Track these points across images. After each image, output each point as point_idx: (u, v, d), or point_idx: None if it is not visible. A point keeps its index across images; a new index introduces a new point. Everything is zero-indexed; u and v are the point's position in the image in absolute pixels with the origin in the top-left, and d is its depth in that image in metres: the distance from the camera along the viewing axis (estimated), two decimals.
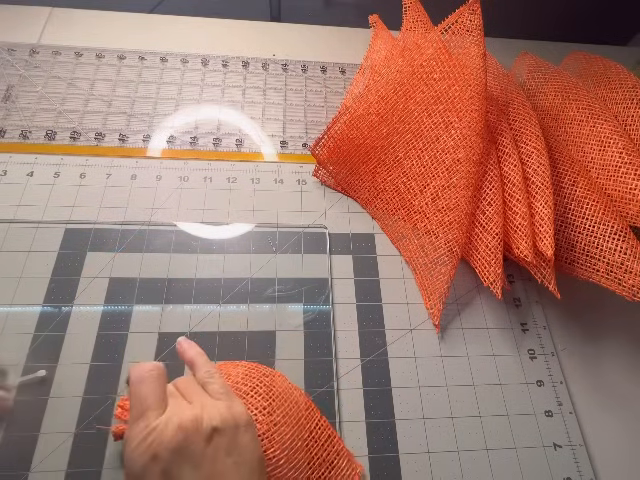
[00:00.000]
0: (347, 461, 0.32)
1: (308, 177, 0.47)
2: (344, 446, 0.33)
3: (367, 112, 0.43)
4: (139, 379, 0.25)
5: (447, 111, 0.39)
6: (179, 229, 0.42)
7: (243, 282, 0.40)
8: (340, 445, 0.33)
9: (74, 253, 0.39)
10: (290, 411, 0.31)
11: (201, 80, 0.53)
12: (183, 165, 0.46)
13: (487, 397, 0.37)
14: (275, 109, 0.52)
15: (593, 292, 0.40)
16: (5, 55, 0.51)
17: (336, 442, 0.33)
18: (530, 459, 0.35)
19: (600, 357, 0.40)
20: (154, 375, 0.25)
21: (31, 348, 0.35)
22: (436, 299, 0.40)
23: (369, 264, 0.42)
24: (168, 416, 0.23)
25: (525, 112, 0.42)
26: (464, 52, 0.39)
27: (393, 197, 0.44)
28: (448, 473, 0.34)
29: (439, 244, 0.40)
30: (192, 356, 0.29)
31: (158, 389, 0.25)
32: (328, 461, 0.31)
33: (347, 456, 0.32)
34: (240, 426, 0.25)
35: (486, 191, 0.38)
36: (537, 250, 0.36)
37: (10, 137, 0.45)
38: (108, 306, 0.37)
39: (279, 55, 0.57)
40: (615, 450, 0.36)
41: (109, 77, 0.51)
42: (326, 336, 0.38)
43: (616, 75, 0.44)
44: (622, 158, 0.37)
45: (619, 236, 0.35)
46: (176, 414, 0.23)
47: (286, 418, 0.30)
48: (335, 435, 0.33)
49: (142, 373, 0.25)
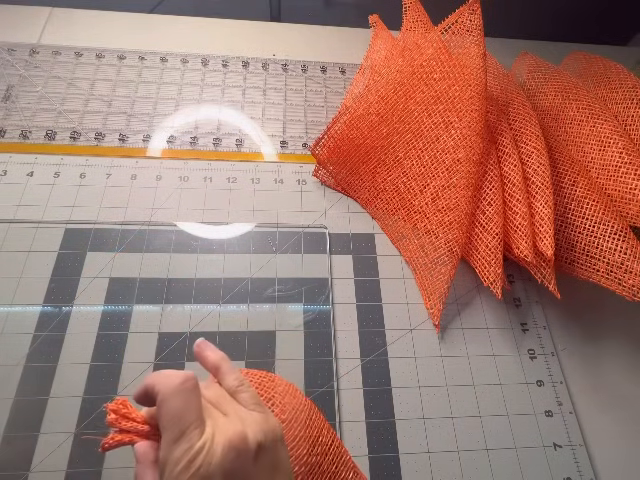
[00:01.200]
0: (353, 473, 0.31)
1: (308, 177, 0.47)
2: (350, 456, 0.31)
3: (367, 112, 0.43)
4: (172, 393, 0.21)
5: (447, 111, 0.39)
6: (179, 229, 0.42)
7: (243, 282, 0.40)
8: (347, 456, 0.31)
9: (74, 253, 0.39)
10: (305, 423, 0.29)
11: (201, 80, 0.53)
12: (183, 165, 0.46)
13: (487, 397, 0.37)
14: (275, 109, 0.52)
15: (593, 292, 0.40)
16: (5, 55, 0.51)
17: (343, 453, 0.31)
18: (530, 459, 0.35)
19: (600, 357, 0.40)
20: (189, 388, 0.22)
21: (31, 348, 0.35)
22: (436, 299, 0.40)
23: (369, 264, 0.42)
24: (212, 433, 0.21)
25: (525, 112, 0.42)
26: (464, 52, 0.39)
27: (393, 197, 0.44)
28: (448, 473, 0.34)
29: (439, 244, 0.40)
30: (216, 361, 0.26)
31: (195, 403, 0.21)
32: (337, 473, 0.30)
33: (353, 467, 0.31)
34: (278, 440, 0.23)
35: (486, 191, 0.38)
36: (537, 250, 0.36)
37: (10, 137, 0.45)
38: (108, 306, 0.37)
39: (279, 55, 0.57)
40: (615, 450, 0.36)
41: (109, 77, 0.51)
42: (326, 336, 0.38)
43: (616, 75, 0.44)
44: (622, 158, 0.37)
45: (619, 236, 0.35)
46: (220, 431, 0.21)
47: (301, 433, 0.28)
48: (342, 445, 0.31)
49: (174, 386, 0.21)
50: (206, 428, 0.21)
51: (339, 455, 0.30)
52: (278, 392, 0.29)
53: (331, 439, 0.30)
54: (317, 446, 0.29)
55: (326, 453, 0.29)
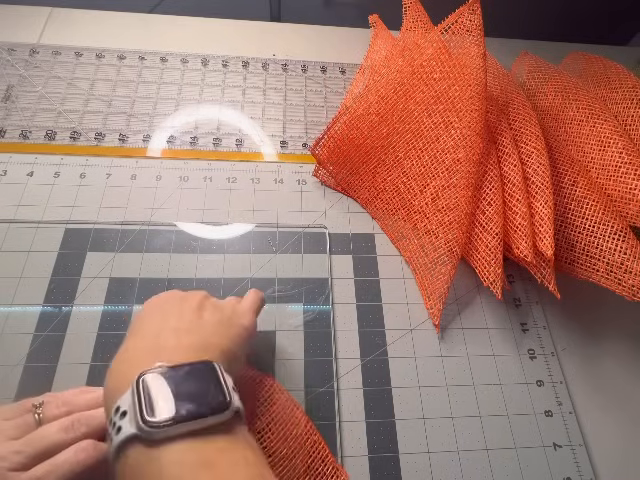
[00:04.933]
0: (332, 467, 0.32)
1: (308, 177, 0.47)
2: (330, 452, 0.32)
3: (367, 112, 0.43)
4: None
5: (447, 111, 0.39)
6: (179, 229, 0.42)
7: (243, 282, 0.40)
8: (326, 451, 0.32)
9: (74, 253, 0.39)
10: (276, 417, 0.30)
11: (201, 80, 0.53)
12: (183, 165, 0.46)
13: (487, 397, 0.37)
14: (275, 109, 0.52)
15: (593, 292, 0.40)
16: (5, 55, 0.51)
17: (322, 448, 0.32)
18: (530, 459, 0.35)
19: (600, 357, 0.40)
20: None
21: (31, 348, 0.35)
22: (436, 299, 0.40)
23: (369, 264, 0.42)
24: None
25: (525, 112, 0.42)
26: (464, 52, 0.39)
27: (393, 197, 0.44)
28: (448, 473, 0.34)
29: (439, 244, 0.40)
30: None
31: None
32: (313, 468, 0.31)
33: (332, 463, 0.32)
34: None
35: (486, 191, 0.38)
36: (537, 250, 0.36)
37: (10, 137, 0.45)
38: (108, 306, 0.37)
39: (279, 55, 0.57)
40: (615, 450, 0.36)
41: (109, 77, 0.51)
42: (326, 336, 0.38)
43: (616, 75, 0.44)
44: (622, 158, 0.37)
45: (619, 236, 0.35)
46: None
47: (271, 425, 0.30)
48: (321, 441, 0.32)
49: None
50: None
51: (317, 451, 0.31)
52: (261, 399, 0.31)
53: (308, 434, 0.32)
54: (290, 439, 0.30)
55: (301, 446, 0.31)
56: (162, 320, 0.26)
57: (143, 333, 0.26)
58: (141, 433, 0.20)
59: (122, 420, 0.20)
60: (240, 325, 0.29)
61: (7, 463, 0.23)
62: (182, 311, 0.27)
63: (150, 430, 0.20)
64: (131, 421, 0.20)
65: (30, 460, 0.23)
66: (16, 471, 0.23)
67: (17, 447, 0.24)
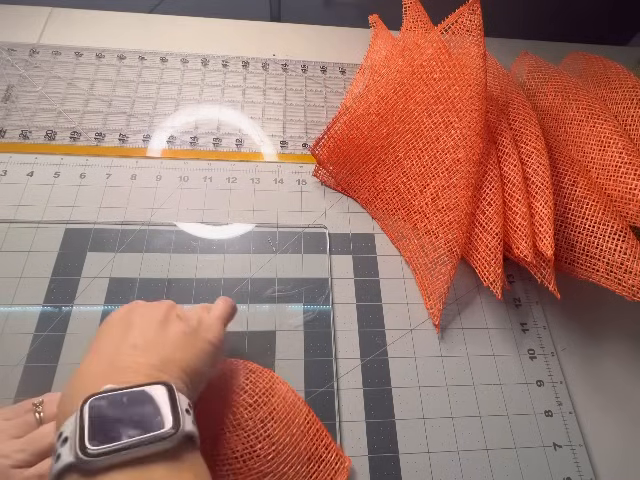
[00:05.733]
0: (336, 455, 0.32)
1: (308, 177, 0.47)
2: (332, 440, 0.33)
3: (367, 112, 0.43)
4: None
5: (447, 111, 0.39)
6: (179, 229, 0.42)
7: (243, 282, 0.40)
8: (329, 439, 0.33)
9: (74, 253, 0.39)
10: (277, 406, 0.31)
11: (201, 80, 0.53)
12: (183, 165, 0.46)
13: (487, 397, 0.37)
14: (275, 109, 0.52)
15: (593, 292, 0.40)
16: (5, 55, 0.51)
17: (324, 436, 0.33)
18: (530, 459, 0.35)
19: (600, 357, 0.40)
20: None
21: (31, 348, 0.35)
22: (436, 299, 0.40)
23: (369, 264, 0.42)
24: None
25: (525, 112, 0.42)
26: (464, 52, 0.39)
27: (393, 197, 0.44)
28: (448, 473, 0.34)
29: (439, 244, 0.40)
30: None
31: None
32: (317, 455, 0.31)
33: (335, 450, 0.32)
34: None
35: (486, 191, 0.38)
36: (537, 250, 0.36)
37: (10, 137, 0.45)
38: (108, 306, 0.37)
39: (279, 55, 0.57)
40: (615, 450, 0.36)
41: (109, 77, 0.51)
42: (326, 336, 0.38)
43: (616, 75, 0.44)
44: (622, 158, 0.37)
45: (619, 236, 0.35)
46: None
47: (273, 414, 0.30)
48: (324, 429, 0.33)
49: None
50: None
51: (319, 438, 0.32)
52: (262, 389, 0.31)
53: (310, 422, 0.32)
54: (292, 427, 0.31)
55: (304, 434, 0.31)
56: (121, 336, 0.25)
57: (100, 352, 0.25)
58: (78, 462, 0.19)
59: (63, 447, 0.20)
60: (205, 339, 0.27)
61: (10, 461, 0.23)
62: (144, 324, 0.26)
63: (87, 460, 0.19)
64: (70, 449, 0.19)
65: (32, 458, 0.24)
66: (19, 468, 0.23)
67: (19, 445, 0.24)
